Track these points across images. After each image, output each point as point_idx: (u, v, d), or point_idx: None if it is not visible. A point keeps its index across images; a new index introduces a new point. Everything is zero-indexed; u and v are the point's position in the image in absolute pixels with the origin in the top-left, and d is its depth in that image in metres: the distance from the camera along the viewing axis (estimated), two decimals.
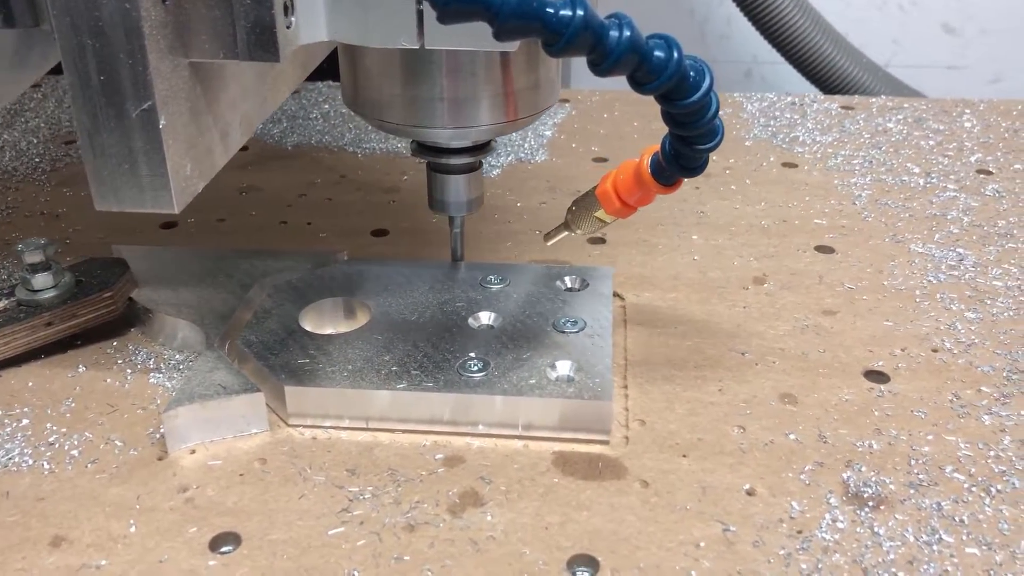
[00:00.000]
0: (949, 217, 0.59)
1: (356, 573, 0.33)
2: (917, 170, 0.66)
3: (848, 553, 0.34)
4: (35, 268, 0.44)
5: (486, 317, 0.45)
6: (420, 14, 0.35)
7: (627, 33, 0.31)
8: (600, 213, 0.44)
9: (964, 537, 0.35)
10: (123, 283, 0.46)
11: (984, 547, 0.34)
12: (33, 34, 0.39)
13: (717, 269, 0.53)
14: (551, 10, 0.30)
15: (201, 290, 0.47)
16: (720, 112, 0.36)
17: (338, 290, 0.47)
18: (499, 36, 0.30)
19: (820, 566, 0.33)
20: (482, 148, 0.45)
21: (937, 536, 0.35)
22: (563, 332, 0.43)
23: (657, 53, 0.32)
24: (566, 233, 0.46)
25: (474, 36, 0.33)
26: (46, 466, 0.38)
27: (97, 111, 0.32)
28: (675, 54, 0.33)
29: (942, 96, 0.83)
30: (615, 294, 0.50)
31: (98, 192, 0.34)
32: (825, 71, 1.08)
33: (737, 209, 0.60)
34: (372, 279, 0.48)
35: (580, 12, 0.30)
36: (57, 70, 0.41)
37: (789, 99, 0.80)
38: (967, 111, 0.77)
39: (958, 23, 1.33)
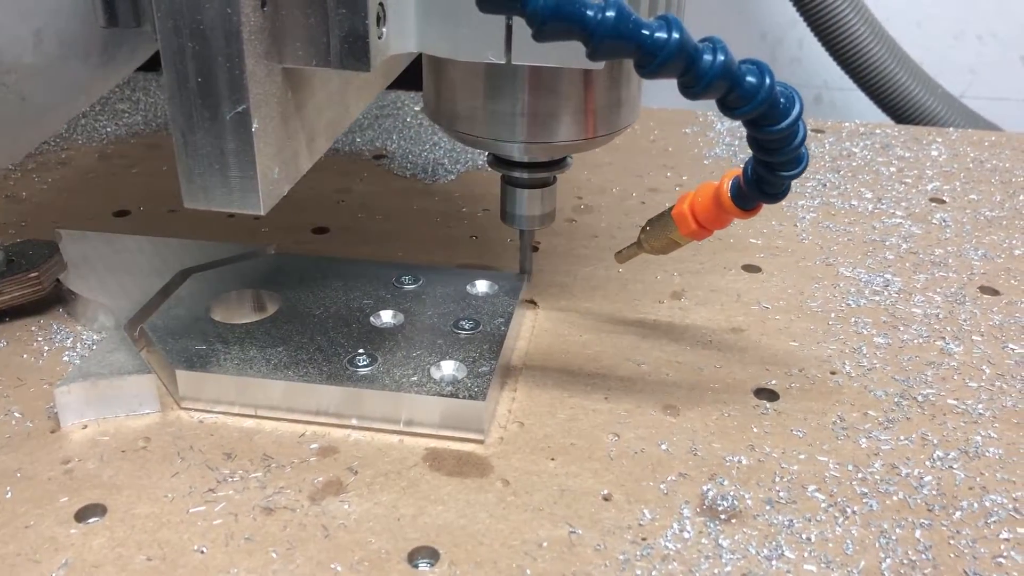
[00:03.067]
0: (887, 243, 0.59)
1: (204, 549, 0.35)
2: (870, 195, 0.66)
3: (686, 563, 0.34)
4: None
5: (388, 315, 0.46)
6: (509, 30, 0.35)
7: (721, 58, 0.31)
8: (675, 234, 0.44)
9: (806, 554, 0.35)
10: (51, 264, 0.48)
11: (823, 565, 0.35)
12: (123, 32, 0.39)
13: (639, 282, 0.54)
14: (647, 32, 0.30)
15: (126, 276, 0.49)
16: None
17: (255, 282, 0.48)
18: (593, 56, 0.30)
19: (654, 573, 0.34)
20: (557, 163, 0.46)
21: (779, 552, 0.35)
22: (458, 333, 0.44)
23: (749, 79, 0.32)
24: (639, 253, 0.47)
25: (561, 53, 0.33)
26: None
27: (192, 111, 0.33)
28: (767, 80, 0.33)
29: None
30: (531, 301, 0.51)
31: (188, 190, 0.35)
32: (898, 99, 1.05)
33: None
34: (290, 273, 0.49)
35: (676, 35, 0.30)
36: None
37: None
38: (938, 139, 0.77)
39: None
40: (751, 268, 0.56)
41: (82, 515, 0.36)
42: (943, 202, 0.65)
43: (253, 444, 0.40)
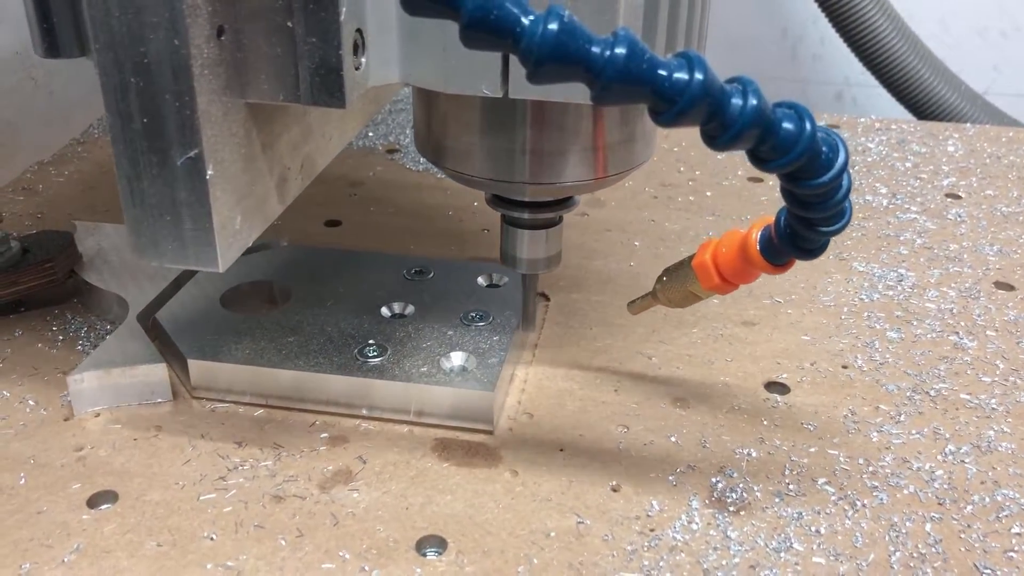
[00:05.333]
0: (902, 238, 0.59)
1: (214, 536, 0.35)
2: (884, 191, 0.66)
3: (694, 554, 0.34)
4: None
5: (399, 307, 0.46)
6: (506, 59, 0.31)
7: (752, 102, 0.26)
8: (695, 287, 0.39)
9: (815, 547, 0.35)
10: (65, 255, 0.49)
11: (832, 557, 0.34)
12: None
13: (650, 276, 0.53)
14: (664, 72, 0.25)
15: (140, 267, 0.50)
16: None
17: (267, 273, 0.49)
18: (600, 100, 0.26)
19: (661, 563, 0.34)
20: (563, 203, 0.41)
21: (788, 544, 0.35)
22: (467, 325, 0.44)
23: (786, 125, 0.27)
24: (653, 304, 0.43)
25: (565, 87, 0.28)
26: None
27: (139, 156, 0.30)
28: (807, 127, 0.28)
29: None
30: (542, 294, 0.51)
31: (136, 243, 0.31)
32: (920, 96, 1.04)
33: (688, 220, 0.61)
34: (302, 264, 0.49)
35: (699, 76, 0.25)
36: None
37: None
38: (955, 135, 0.76)
39: None
40: None
41: (94, 501, 0.36)
42: (959, 198, 0.65)
43: (264, 433, 0.40)
